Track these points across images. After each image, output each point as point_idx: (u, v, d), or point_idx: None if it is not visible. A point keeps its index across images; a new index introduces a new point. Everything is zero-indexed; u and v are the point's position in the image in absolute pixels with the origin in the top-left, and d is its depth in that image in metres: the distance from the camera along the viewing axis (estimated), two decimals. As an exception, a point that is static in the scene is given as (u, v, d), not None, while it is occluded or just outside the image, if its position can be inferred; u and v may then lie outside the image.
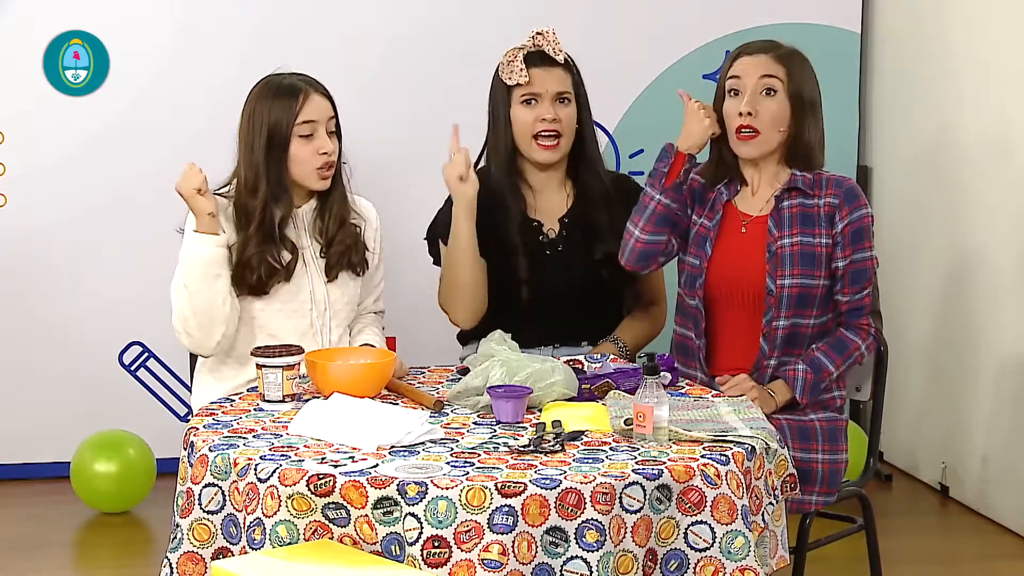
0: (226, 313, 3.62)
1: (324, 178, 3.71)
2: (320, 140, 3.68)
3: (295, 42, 5.11)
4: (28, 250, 5.14)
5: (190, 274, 3.61)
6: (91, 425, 5.07)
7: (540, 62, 3.89)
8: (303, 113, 3.66)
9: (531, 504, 2.73)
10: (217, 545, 2.96)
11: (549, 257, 3.96)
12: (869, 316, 3.70)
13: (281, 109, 3.66)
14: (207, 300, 3.61)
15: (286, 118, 3.66)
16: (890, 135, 5.46)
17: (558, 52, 3.89)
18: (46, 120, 5.11)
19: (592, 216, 3.96)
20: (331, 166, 3.71)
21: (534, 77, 3.88)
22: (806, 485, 3.55)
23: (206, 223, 3.60)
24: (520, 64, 3.88)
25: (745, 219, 3.72)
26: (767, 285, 3.64)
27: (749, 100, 3.64)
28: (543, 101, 3.89)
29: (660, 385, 3.03)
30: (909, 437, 5.34)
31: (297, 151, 3.67)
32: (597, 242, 3.94)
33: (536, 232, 3.97)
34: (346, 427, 3.06)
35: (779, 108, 3.64)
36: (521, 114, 3.90)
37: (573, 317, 3.96)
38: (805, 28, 5.37)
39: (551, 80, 3.89)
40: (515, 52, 3.90)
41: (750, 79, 3.65)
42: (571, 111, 3.92)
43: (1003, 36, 4.80)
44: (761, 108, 3.64)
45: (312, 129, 3.67)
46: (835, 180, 3.69)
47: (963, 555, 4.67)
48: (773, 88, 3.65)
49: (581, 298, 3.96)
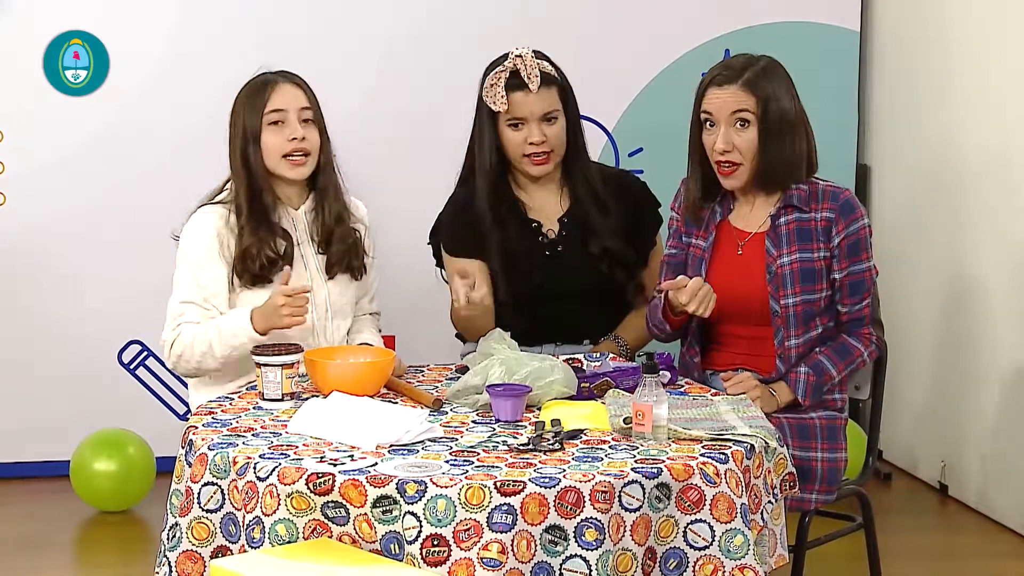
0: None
1: (297, 164, 3.72)
2: (291, 127, 3.69)
3: (295, 42, 5.11)
4: (28, 248, 5.14)
5: (223, 349, 3.61)
6: (91, 424, 5.07)
7: (520, 85, 3.86)
8: (271, 102, 3.70)
9: (530, 503, 2.73)
10: (216, 544, 2.96)
11: (550, 257, 3.97)
12: (870, 326, 3.69)
13: (252, 104, 3.71)
14: (216, 367, 3.67)
15: (258, 110, 3.70)
16: (890, 134, 5.46)
17: (533, 78, 3.83)
18: (46, 120, 5.10)
19: (587, 216, 3.96)
20: (304, 153, 3.72)
21: (516, 101, 3.85)
22: (805, 483, 3.55)
23: (269, 325, 3.58)
24: (501, 91, 3.85)
25: (742, 238, 3.71)
26: (771, 306, 3.63)
27: (723, 136, 3.61)
28: (529, 123, 3.87)
29: (659, 384, 3.04)
30: (908, 436, 5.34)
31: (267, 139, 3.70)
32: (593, 238, 3.94)
33: (536, 233, 3.98)
34: (345, 426, 3.06)
35: (753, 137, 3.62)
36: (510, 136, 3.89)
37: (576, 314, 3.96)
38: (804, 27, 5.37)
39: (534, 102, 3.86)
40: (497, 76, 3.85)
41: (722, 114, 3.62)
42: (559, 127, 3.90)
43: (1003, 34, 4.79)
44: (737, 141, 3.62)
45: (281, 117, 3.70)
46: (831, 192, 3.65)
47: (962, 553, 4.67)
48: (746, 120, 3.62)
49: (584, 295, 3.96)
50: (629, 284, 4.01)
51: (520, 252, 3.95)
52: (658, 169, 5.21)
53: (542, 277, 3.94)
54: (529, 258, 3.95)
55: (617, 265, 3.94)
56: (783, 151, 3.62)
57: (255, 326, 3.58)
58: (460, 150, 4.02)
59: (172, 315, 3.70)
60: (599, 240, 3.94)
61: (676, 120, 4.08)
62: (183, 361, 3.67)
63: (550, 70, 3.89)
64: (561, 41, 5.04)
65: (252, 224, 3.68)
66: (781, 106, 3.62)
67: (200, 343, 3.63)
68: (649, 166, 5.28)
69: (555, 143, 3.90)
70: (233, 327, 3.60)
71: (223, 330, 3.61)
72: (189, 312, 3.67)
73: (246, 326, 3.58)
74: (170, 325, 3.69)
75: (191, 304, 3.67)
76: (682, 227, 3.79)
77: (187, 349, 3.64)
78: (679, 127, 3.78)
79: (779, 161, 3.62)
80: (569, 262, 3.95)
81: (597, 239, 3.94)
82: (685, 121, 3.73)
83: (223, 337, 3.61)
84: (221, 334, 3.61)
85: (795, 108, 3.65)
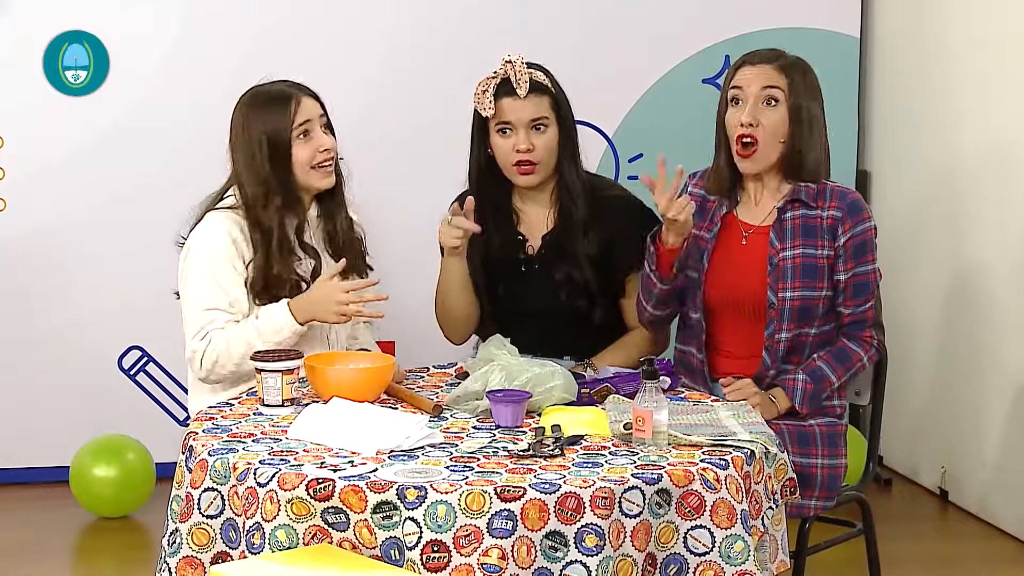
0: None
1: (328, 174, 3.71)
2: (318, 138, 3.69)
3: (296, 42, 5.12)
4: (28, 253, 5.14)
5: (267, 348, 3.51)
6: (91, 430, 5.07)
7: (510, 91, 3.84)
8: (299, 116, 3.66)
9: (530, 508, 2.73)
10: (216, 549, 2.96)
11: (525, 274, 3.94)
12: (872, 328, 3.69)
13: (277, 117, 3.66)
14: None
15: (284, 124, 3.65)
16: (889, 139, 5.46)
17: (522, 84, 3.81)
18: (46, 120, 5.10)
19: (564, 238, 3.90)
20: (332, 161, 3.72)
21: (504, 107, 3.83)
22: (806, 490, 3.54)
23: (313, 316, 3.56)
24: (489, 97, 3.83)
25: (747, 230, 3.71)
26: (768, 298, 3.63)
27: (750, 110, 3.62)
28: (517, 130, 3.83)
29: (659, 389, 3.03)
30: (909, 442, 5.34)
31: (299, 153, 3.67)
32: (561, 263, 3.89)
33: (519, 247, 3.95)
34: (345, 431, 3.06)
35: (780, 118, 3.62)
36: (499, 143, 3.86)
37: (545, 335, 3.87)
38: (804, 33, 5.37)
39: (521, 108, 3.82)
40: (487, 82, 3.83)
41: (752, 89, 3.64)
42: (548, 137, 3.85)
43: (1003, 40, 4.80)
44: (762, 118, 3.63)
45: (307, 128, 3.68)
46: (839, 192, 3.67)
47: (962, 560, 4.67)
48: (775, 98, 3.63)
49: (550, 317, 3.92)
50: (593, 313, 3.92)
51: (498, 262, 3.93)
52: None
53: (507, 293, 3.93)
54: (504, 270, 3.94)
55: (580, 294, 3.89)
56: (803, 141, 3.63)
57: (297, 318, 3.55)
58: (458, 159, 4.01)
59: (196, 324, 3.61)
60: (565, 267, 3.88)
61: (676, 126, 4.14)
62: (219, 367, 3.60)
63: (542, 79, 3.85)
64: (561, 47, 5.06)
65: (280, 253, 3.63)
66: (810, 98, 3.64)
67: (237, 345, 3.57)
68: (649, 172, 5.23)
69: (543, 153, 3.85)
70: (274, 323, 3.56)
71: (263, 328, 3.56)
72: (215, 319, 3.60)
73: (289, 319, 3.55)
74: (197, 335, 3.61)
75: (216, 311, 3.61)
76: None
77: (222, 355, 3.58)
78: (679, 133, 3.79)
79: (798, 150, 3.63)
80: (535, 283, 3.92)
81: (564, 265, 3.88)
82: (685, 127, 3.74)
83: (264, 335, 3.55)
84: (261, 332, 3.56)
85: (818, 110, 3.67)
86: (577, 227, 3.88)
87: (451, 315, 3.94)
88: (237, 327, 3.59)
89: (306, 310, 3.56)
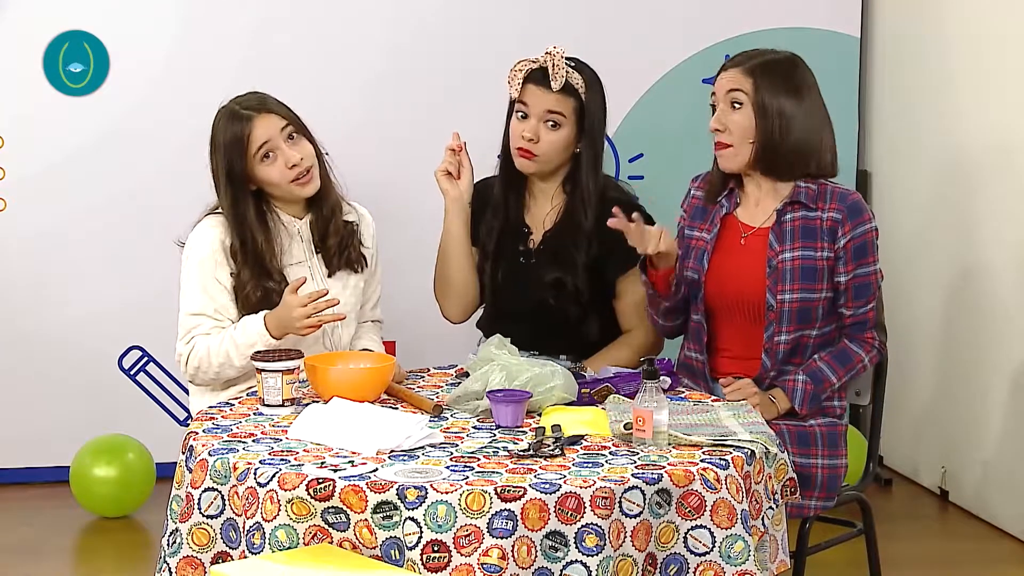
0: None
1: (305, 183, 3.70)
2: (283, 154, 3.66)
3: (296, 42, 5.11)
4: (28, 253, 5.14)
5: (242, 360, 3.58)
6: (91, 430, 5.07)
7: (540, 80, 3.86)
8: (252, 142, 3.65)
9: (531, 508, 2.73)
10: (216, 549, 2.96)
11: (523, 266, 3.95)
12: (874, 330, 3.69)
13: (232, 148, 3.65)
14: (236, 374, 3.64)
15: (238, 155, 3.65)
16: (890, 139, 5.46)
17: (557, 78, 3.82)
18: (46, 120, 5.10)
19: (562, 239, 3.91)
20: (308, 170, 3.70)
21: (529, 93, 3.85)
22: (806, 490, 3.54)
23: (286, 331, 3.56)
24: (520, 79, 3.86)
25: (746, 231, 3.71)
26: (767, 300, 3.63)
27: (718, 116, 3.67)
28: (531, 118, 3.86)
29: (660, 389, 3.04)
30: (909, 442, 5.33)
31: (267, 174, 3.67)
32: (554, 265, 3.90)
33: (522, 239, 3.96)
34: (346, 431, 3.06)
35: (745, 119, 3.63)
36: (513, 124, 3.90)
37: (536, 331, 3.85)
38: (805, 32, 5.37)
39: (543, 99, 3.84)
40: (523, 65, 3.87)
41: (720, 94, 3.68)
42: (558, 136, 3.86)
43: (1003, 39, 4.80)
44: (728, 122, 3.65)
45: (270, 148, 3.66)
46: (839, 193, 3.66)
47: (963, 560, 4.67)
48: (738, 101, 3.64)
49: (538, 314, 3.91)
50: (585, 325, 3.92)
51: (503, 247, 3.95)
52: (658, 174, 5.22)
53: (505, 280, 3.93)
54: (506, 255, 3.95)
55: (570, 300, 3.89)
56: (783, 138, 3.62)
57: (272, 332, 3.56)
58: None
59: (183, 328, 3.66)
60: (555, 270, 3.89)
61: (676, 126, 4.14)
62: (201, 372, 3.64)
63: (577, 83, 3.86)
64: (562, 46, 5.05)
65: (249, 270, 3.65)
66: (782, 94, 3.62)
67: (216, 355, 3.61)
68: (649, 172, 5.28)
69: (545, 148, 3.87)
70: (248, 337, 3.57)
71: (239, 341, 3.59)
72: (201, 324, 3.64)
73: (262, 333, 3.56)
74: (183, 339, 3.66)
75: (202, 316, 3.65)
76: (686, 223, 3.78)
77: (203, 361, 3.62)
78: (679, 133, 3.79)
79: (770, 148, 3.62)
80: (530, 277, 3.92)
81: (556, 268, 3.90)
82: (685, 127, 3.75)
83: (239, 348, 3.58)
84: (237, 345, 3.58)
85: (806, 102, 3.64)
86: (581, 235, 3.88)
87: (449, 282, 3.96)
88: (218, 336, 3.62)
89: (278, 324, 3.57)
